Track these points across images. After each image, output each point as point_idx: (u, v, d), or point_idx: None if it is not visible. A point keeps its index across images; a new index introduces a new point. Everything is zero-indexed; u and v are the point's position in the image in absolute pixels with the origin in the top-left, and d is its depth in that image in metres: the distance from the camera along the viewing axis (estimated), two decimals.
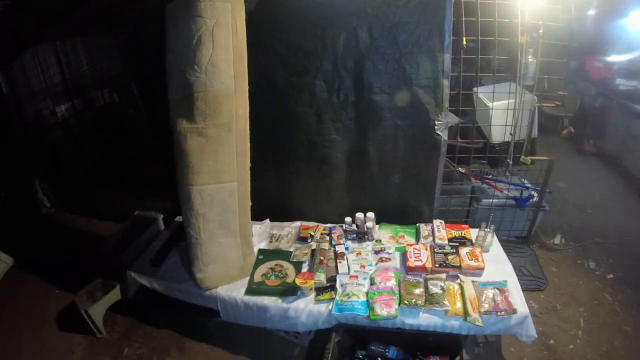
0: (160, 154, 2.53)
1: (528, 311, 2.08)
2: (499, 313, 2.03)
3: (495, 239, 2.58)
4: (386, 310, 2.04)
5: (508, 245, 2.95)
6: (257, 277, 2.30)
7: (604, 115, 4.54)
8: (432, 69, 2.29)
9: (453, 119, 2.58)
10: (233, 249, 2.23)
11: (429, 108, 2.37)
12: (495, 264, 2.39)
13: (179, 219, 2.85)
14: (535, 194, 3.03)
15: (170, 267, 2.49)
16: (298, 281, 2.14)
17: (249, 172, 2.23)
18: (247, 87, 2.11)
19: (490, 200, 3.05)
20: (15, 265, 3.44)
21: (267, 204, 2.56)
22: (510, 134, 2.70)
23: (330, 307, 2.10)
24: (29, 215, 4.04)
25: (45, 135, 4.11)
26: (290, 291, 2.19)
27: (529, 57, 2.54)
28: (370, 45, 2.26)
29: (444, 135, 2.45)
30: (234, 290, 2.24)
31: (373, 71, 2.31)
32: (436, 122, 2.41)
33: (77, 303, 2.56)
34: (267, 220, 2.82)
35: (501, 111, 2.74)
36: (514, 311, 2.04)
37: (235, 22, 2.03)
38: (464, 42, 2.41)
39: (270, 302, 2.16)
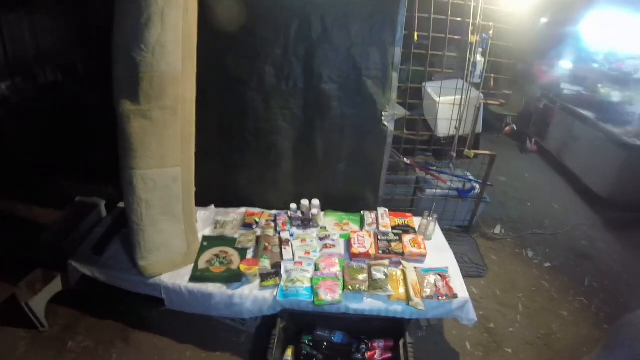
0: (103, 137, 2.40)
1: (468, 296, 2.18)
2: (440, 298, 2.12)
3: (438, 227, 2.68)
4: (330, 295, 2.06)
5: (450, 234, 3.08)
6: (202, 264, 2.25)
7: (547, 117, 4.87)
8: (382, 61, 2.32)
9: (401, 112, 2.64)
10: (177, 236, 2.17)
11: (377, 99, 2.41)
12: (437, 251, 2.48)
13: (121, 204, 2.73)
14: (477, 186, 3.18)
15: (113, 255, 2.37)
16: (242, 267, 2.12)
17: (193, 157, 2.17)
18: (195, 70, 2.04)
19: (434, 190, 3.18)
20: None
21: (212, 190, 2.51)
22: (455, 127, 2.81)
23: (275, 293, 2.11)
24: None
25: None
26: (234, 278, 2.17)
27: (478, 56, 2.64)
28: (323, 34, 2.25)
29: (390, 126, 2.51)
30: (178, 278, 2.18)
31: (323, 60, 2.31)
32: (383, 113, 2.46)
33: (17, 296, 2.39)
34: (212, 206, 2.76)
35: (448, 106, 2.83)
36: (455, 296, 2.13)
37: (187, 2, 1.95)
38: (415, 38, 2.46)
39: (215, 289, 2.13)
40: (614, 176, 3.81)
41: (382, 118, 2.46)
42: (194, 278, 2.17)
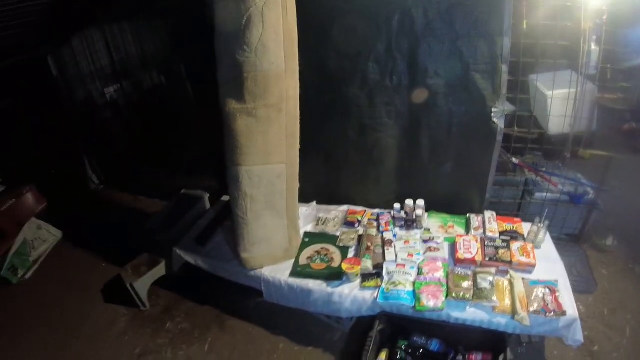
0: (207, 135, 2.54)
1: (577, 314, 1.96)
2: (547, 314, 1.92)
3: (548, 235, 2.42)
4: (433, 301, 1.97)
5: (558, 243, 2.75)
6: (303, 260, 2.26)
7: None
8: (490, 54, 2.13)
9: (509, 108, 2.42)
10: (279, 231, 2.20)
11: (485, 94, 2.22)
12: (546, 261, 2.25)
13: (225, 198, 2.85)
14: (591, 191, 2.83)
15: (215, 245, 2.49)
16: (344, 266, 2.09)
17: (298, 154, 2.18)
18: (297, 68, 2.05)
19: (544, 194, 2.87)
20: (64, 239, 3.58)
21: (314, 186, 2.52)
22: (570, 125, 2.52)
23: (375, 294, 2.05)
24: (78, 191, 4.20)
25: (94, 116, 4.25)
26: (335, 276, 2.14)
27: (592, 44, 2.34)
28: (426, 27, 2.13)
29: (500, 123, 2.30)
30: (278, 272, 2.22)
31: (428, 54, 2.18)
32: (493, 110, 2.26)
33: (123, 277, 2.62)
34: (314, 203, 2.78)
35: (560, 101, 2.55)
36: (564, 313, 1.92)
37: (286, 2, 1.95)
38: (524, 26, 2.25)
39: (314, 285, 2.13)
40: None
41: (492, 114, 2.26)
42: (294, 273, 2.19)
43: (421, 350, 2.04)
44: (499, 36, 2.10)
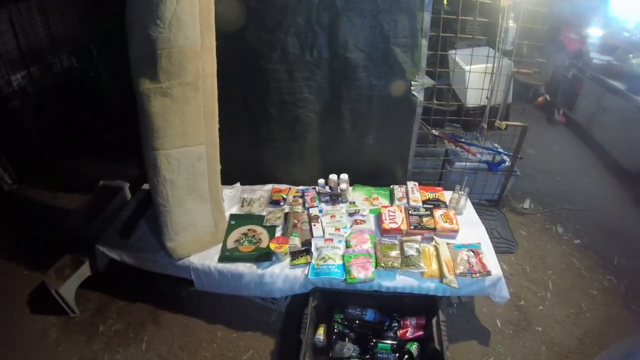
0: (123, 119, 2.33)
1: (501, 273, 2.09)
2: (473, 275, 2.03)
3: (469, 201, 2.56)
4: (363, 273, 1.99)
5: (479, 208, 2.94)
6: (230, 244, 2.18)
7: (576, 87, 4.57)
8: (411, 28, 2.16)
9: (429, 81, 2.48)
10: (204, 215, 2.10)
11: (405, 68, 2.26)
12: (468, 226, 2.38)
13: (145, 186, 2.67)
14: (507, 159, 3.02)
15: (140, 237, 2.32)
16: (272, 246, 2.05)
17: (217, 134, 2.07)
18: (214, 43, 1.92)
19: (463, 163, 3.03)
20: None
21: (236, 167, 2.40)
22: (487, 97, 2.64)
23: (306, 271, 2.04)
24: None
25: (1, 107, 3.77)
26: (264, 256, 2.10)
27: (510, 21, 2.45)
28: (347, 1, 2.10)
29: (420, 96, 2.36)
30: (207, 258, 2.12)
31: (349, 28, 2.16)
32: (413, 83, 2.31)
33: (47, 283, 2.38)
34: (238, 184, 2.68)
35: (477, 75, 2.66)
36: (488, 273, 2.04)
37: None
38: (445, 2, 2.30)
39: (244, 268, 2.06)
40: None
41: (412, 88, 2.31)
42: (223, 258, 2.11)
43: (357, 321, 2.06)
44: (419, 11, 2.13)
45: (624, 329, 2.42)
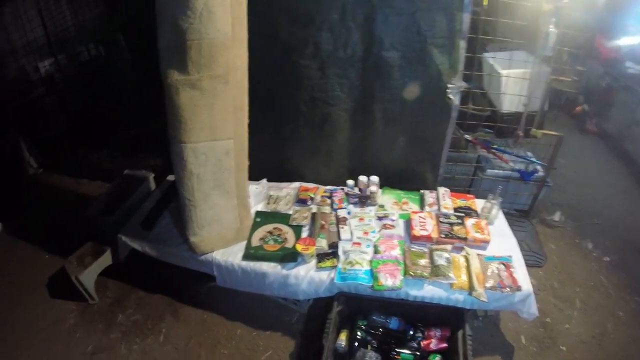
0: (151, 110, 2.28)
1: (532, 289, 1.98)
2: (503, 289, 1.93)
3: (500, 211, 2.44)
4: (391, 280, 1.90)
5: (509, 218, 2.78)
6: (255, 241, 2.11)
7: (610, 96, 4.34)
8: (449, 28, 2.05)
9: (463, 84, 2.37)
10: (229, 211, 2.04)
11: (442, 69, 2.15)
12: (499, 237, 2.26)
13: (170, 177, 2.62)
14: (540, 169, 2.89)
15: (163, 229, 2.28)
16: (299, 247, 1.97)
17: (246, 129, 2.01)
18: (246, 36, 1.86)
19: (495, 171, 2.89)
20: (4, 230, 3.20)
21: (264, 163, 2.35)
22: (524, 104, 2.51)
23: (332, 275, 1.96)
24: (16, 177, 3.77)
25: (29, 93, 3.79)
26: (290, 257, 2.02)
27: (551, 26, 2.32)
28: None
29: (455, 99, 2.24)
30: (230, 255, 2.06)
31: (385, 25, 2.05)
32: (449, 85, 2.19)
33: (68, 270, 2.37)
34: (264, 180, 2.61)
35: (513, 80, 2.54)
36: (519, 288, 1.93)
37: None
38: (485, 2, 2.18)
39: (269, 268, 1.99)
40: None
41: (447, 90, 2.20)
42: (247, 256, 2.04)
43: (381, 329, 1.98)
44: (458, 11, 2.01)
45: None
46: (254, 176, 2.42)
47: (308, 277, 1.97)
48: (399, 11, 2.04)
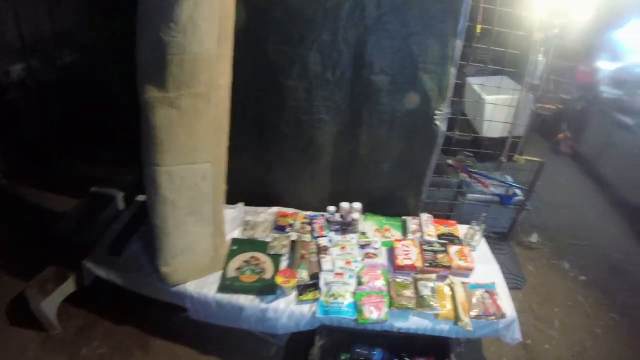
0: (125, 123, 2.09)
1: (515, 315, 1.94)
2: (488, 317, 1.88)
3: (483, 238, 2.38)
4: (376, 313, 1.80)
5: (488, 241, 2.78)
6: (231, 272, 1.94)
7: (584, 119, 4.50)
8: (442, 54, 1.97)
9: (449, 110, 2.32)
10: (204, 239, 1.86)
11: (431, 95, 2.07)
12: (482, 263, 2.20)
13: (140, 198, 2.42)
14: (520, 193, 2.86)
15: (132, 255, 2.07)
16: (279, 280, 1.82)
17: (225, 152, 1.85)
18: (231, 53, 1.71)
19: (476, 195, 2.86)
20: None
21: (240, 186, 2.18)
22: (508, 131, 2.47)
23: (314, 308, 1.82)
24: None
25: None
26: (268, 289, 1.86)
27: (540, 55, 2.31)
28: (377, 20, 1.90)
29: (442, 125, 2.17)
30: (204, 286, 1.88)
31: (376, 48, 1.95)
32: (437, 112, 2.12)
33: (28, 297, 2.13)
34: (241, 204, 2.44)
35: (498, 107, 2.50)
36: (503, 315, 1.89)
37: None
38: (478, 30, 2.13)
39: (246, 301, 1.83)
40: None
41: (435, 117, 2.12)
42: (222, 288, 1.87)
43: None
44: (452, 37, 1.94)
45: None
46: (230, 199, 2.25)
47: (288, 310, 1.82)
48: (392, 35, 1.94)
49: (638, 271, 3.10)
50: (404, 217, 2.46)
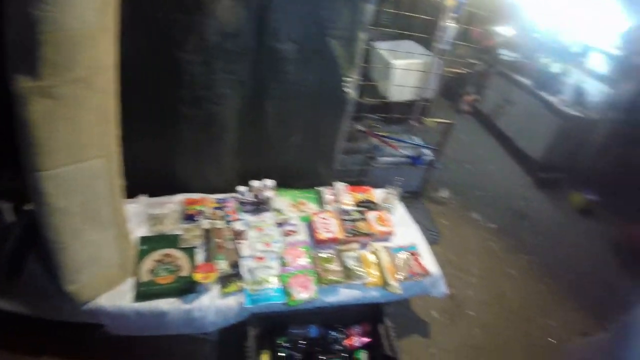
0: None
1: (440, 272, 2.28)
2: (415, 278, 2.17)
3: (399, 200, 2.69)
4: (305, 293, 1.97)
5: (403, 201, 3.17)
6: (145, 275, 1.91)
7: (483, 80, 5.28)
8: (352, 19, 2.11)
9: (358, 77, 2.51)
10: (108, 245, 1.79)
11: (340, 62, 2.21)
12: (401, 226, 2.51)
13: (29, 206, 2.15)
14: (429, 153, 3.29)
15: (31, 276, 1.90)
16: (198, 277, 1.85)
17: (117, 143, 1.77)
18: (115, 27, 1.59)
19: (387, 158, 3.18)
20: None
21: (140, 177, 2.11)
22: (417, 95, 2.78)
23: (240, 299, 1.91)
24: None
25: None
26: (188, 288, 1.89)
27: (450, 21, 2.58)
28: None
29: (352, 92, 2.36)
30: (119, 298, 1.83)
31: (281, 14, 2.00)
32: (346, 79, 2.29)
33: None
34: (142, 197, 2.36)
35: (400, 70, 2.77)
36: (428, 274, 2.21)
37: None
38: None
39: (167, 305, 1.84)
40: (547, 141, 4.31)
41: (344, 83, 2.29)
42: (139, 296, 1.84)
43: (302, 340, 2.07)
44: (362, 2, 2.07)
45: (541, 301, 2.96)
46: (130, 193, 2.17)
47: (214, 306, 1.88)
48: None
49: (539, 215, 3.89)
50: (318, 188, 2.63)
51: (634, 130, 3.85)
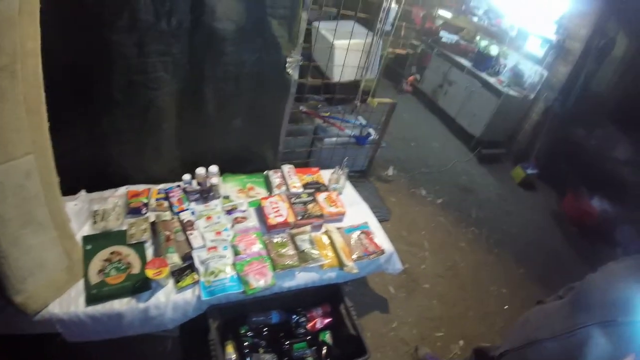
0: None
1: (393, 248, 2.54)
2: (370, 256, 2.40)
3: (347, 180, 2.93)
4: (262, 280, 2.10)
5: (350, 181, 3.43)
6: (94, 277, 1.96)
7: (424, 60, 5.85)
8: None
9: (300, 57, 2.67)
10: (51, 249, 1.81)
11: (281, 42, 2.36)
12: (352, 206, 2.74)
13: None
14: (374, 132, 3.58)
15: None
16: (150, 273, 1.92)
17: (48, 136, 1.78)
18: (38, 7, 1.59)
19: (332, 139, 3.43)
20: None
21: (77, 171, 2.11)
22: (361, 75, 3.01)
23: (197, 292, 2.03)
24: None
25: None
26: (141, 286, 1.97)
27: (393, 2, 2.82)
28: None
29: (295, 74, 2.52)
30: (71, 304, 1.86)
31: None
32: (288, 59, 2.44)
33: None
34: (83, 192, 2.37)
35: (343, 50, 2.98)
36: (382, 252, 2.45)
37: None
38: None
39: (121, 305, 1.91)
40: (486, 118, 4.94)
41: (286, 65, 2.44)
42: (90, 299, 1.89)
43: (264, 328, 2.24)
44: None
45: (492, 270, 3.39)
46: (68, 189, 2.14)
47: (171, 302, 1.98)
48: None
49: (482, 189, 4.42)
50: (265, 172, 2.79)
51: (567, 109, 4.56)
